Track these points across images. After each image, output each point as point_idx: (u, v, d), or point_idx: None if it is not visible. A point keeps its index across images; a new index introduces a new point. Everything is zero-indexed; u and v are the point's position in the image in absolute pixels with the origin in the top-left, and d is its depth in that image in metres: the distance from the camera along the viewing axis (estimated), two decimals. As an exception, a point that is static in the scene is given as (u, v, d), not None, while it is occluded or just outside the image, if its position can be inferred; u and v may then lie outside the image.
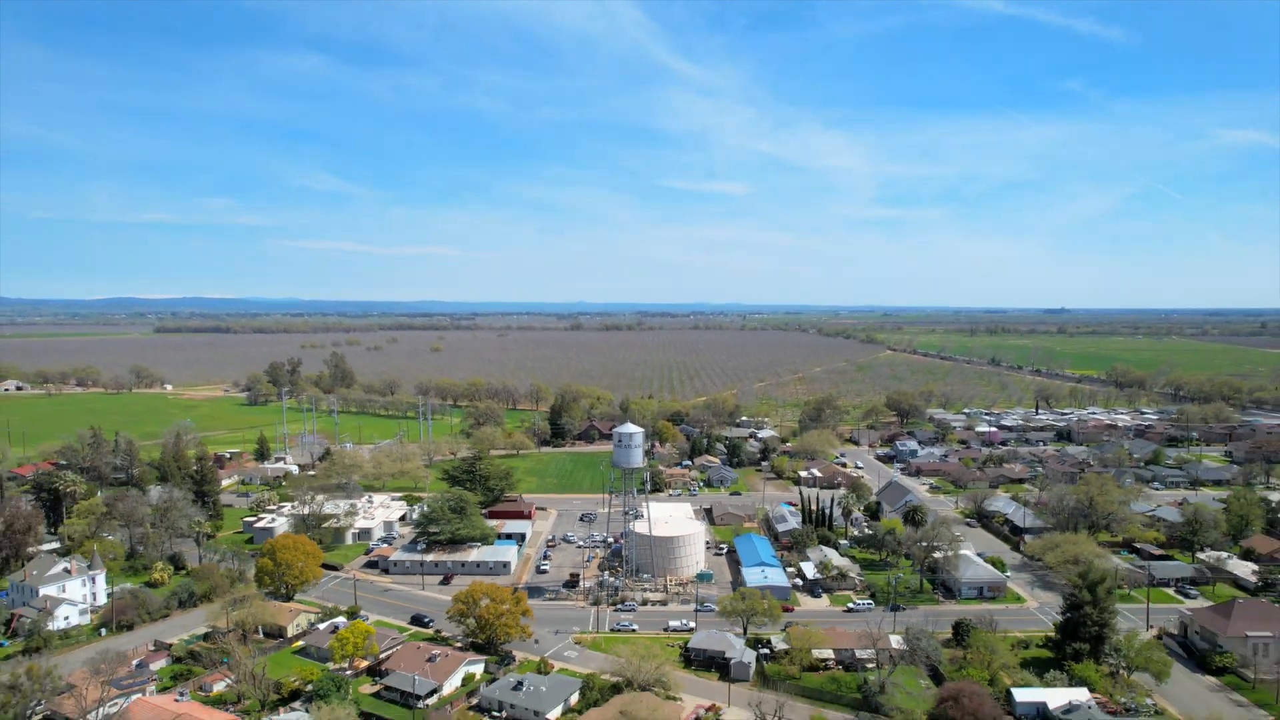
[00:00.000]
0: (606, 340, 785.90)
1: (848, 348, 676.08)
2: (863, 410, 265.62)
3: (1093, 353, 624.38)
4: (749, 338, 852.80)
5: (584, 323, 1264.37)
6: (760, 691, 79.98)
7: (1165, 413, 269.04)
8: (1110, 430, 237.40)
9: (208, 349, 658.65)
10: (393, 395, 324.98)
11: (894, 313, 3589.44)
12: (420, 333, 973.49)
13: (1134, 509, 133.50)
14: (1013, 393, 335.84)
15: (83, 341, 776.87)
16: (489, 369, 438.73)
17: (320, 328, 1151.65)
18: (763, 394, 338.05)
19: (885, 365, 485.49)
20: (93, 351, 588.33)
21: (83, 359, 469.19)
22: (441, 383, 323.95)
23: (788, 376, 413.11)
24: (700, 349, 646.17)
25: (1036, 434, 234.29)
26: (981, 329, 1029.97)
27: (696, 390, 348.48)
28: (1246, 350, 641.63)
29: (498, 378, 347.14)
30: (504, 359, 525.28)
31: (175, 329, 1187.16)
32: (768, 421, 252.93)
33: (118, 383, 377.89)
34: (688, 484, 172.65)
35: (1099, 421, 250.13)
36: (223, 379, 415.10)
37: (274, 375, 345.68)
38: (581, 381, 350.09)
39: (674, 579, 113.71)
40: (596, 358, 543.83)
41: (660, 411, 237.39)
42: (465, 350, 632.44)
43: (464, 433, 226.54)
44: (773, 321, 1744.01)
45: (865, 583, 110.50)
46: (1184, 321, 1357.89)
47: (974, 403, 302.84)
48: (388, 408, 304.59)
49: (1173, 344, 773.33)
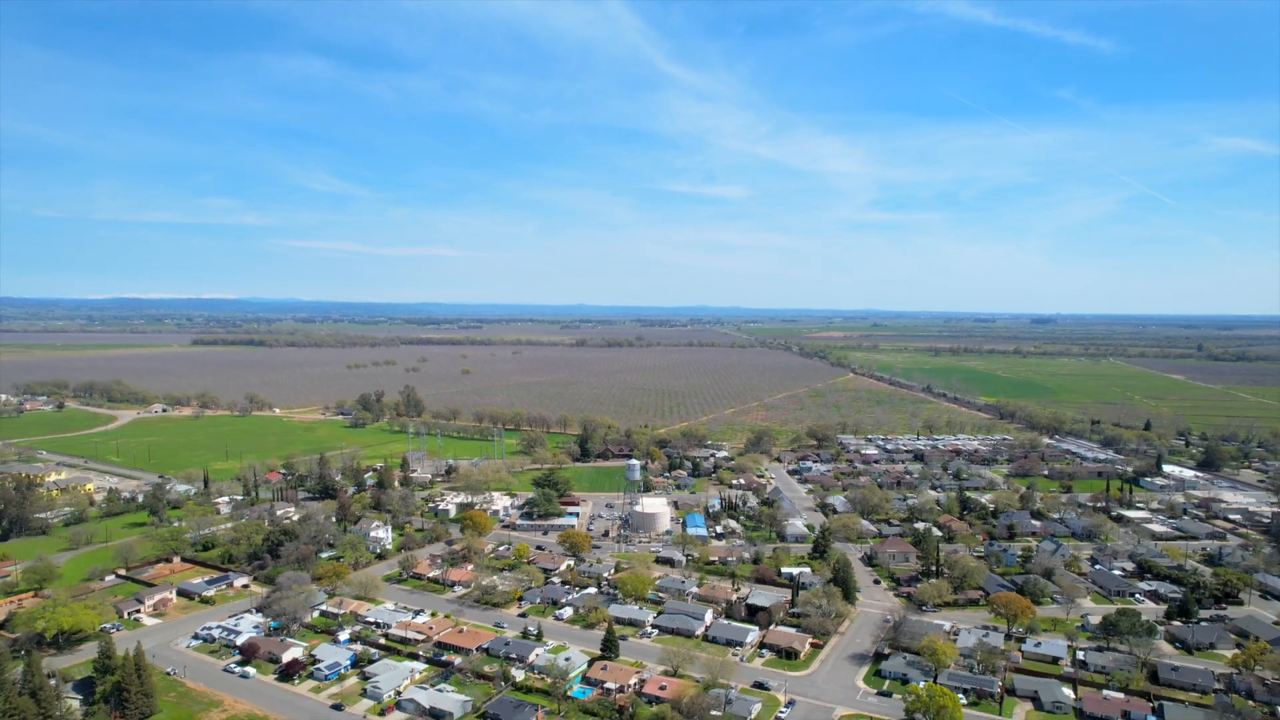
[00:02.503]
0: (609, 360, 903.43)
1: (817, 371, 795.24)
2: (791, 436, 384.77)
3: (1024, 377, 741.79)
4: (736, 358, 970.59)
5: (587, 337, 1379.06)
6: (685, 569, 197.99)
7: (1003, 439, 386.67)
8: (953, 454, 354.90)
9: (270, 370, 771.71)
10: (455, 420, 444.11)
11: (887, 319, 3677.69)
12: (442, 348, 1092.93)
13: (901, 503, 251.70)
14: (914, 419, 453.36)
15: (131, 356, 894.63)
16: (518, 394, 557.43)
17: (346, 341, 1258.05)
18: (730, 419, 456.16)
19: (836, 392, 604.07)
20: (157, 369, 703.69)
21: (162, 379, 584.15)
22: (494, 411, 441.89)
23: (754, 404, 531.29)
24: (690, 373, 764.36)
25: (900, 455, 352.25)
26: (946, 350, 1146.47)
27: (681, 416, 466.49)
28: (1153, 376, 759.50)
29: (534, 408, 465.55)
30: (528, 383, 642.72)
31: (212, 341, 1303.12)
32: (725, 444, 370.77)
33: (241, 407, 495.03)
34: (666, 487, 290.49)
35: (950, 446, 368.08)
36: (312, 402, 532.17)
37: (365, 404, 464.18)
38: (594, 408, 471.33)
39: (654, 533, 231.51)
40: (603, 381, 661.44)
41: (651, 438, 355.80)
42: (490, 371, 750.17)
43: (523, 452, 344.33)
44: (766, 332, 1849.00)
45: (743, 534, 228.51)
46: (1158, 333, 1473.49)
47: (879, 430, 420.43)
48: (457, 431, 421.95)
49: (1102, 367, 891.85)
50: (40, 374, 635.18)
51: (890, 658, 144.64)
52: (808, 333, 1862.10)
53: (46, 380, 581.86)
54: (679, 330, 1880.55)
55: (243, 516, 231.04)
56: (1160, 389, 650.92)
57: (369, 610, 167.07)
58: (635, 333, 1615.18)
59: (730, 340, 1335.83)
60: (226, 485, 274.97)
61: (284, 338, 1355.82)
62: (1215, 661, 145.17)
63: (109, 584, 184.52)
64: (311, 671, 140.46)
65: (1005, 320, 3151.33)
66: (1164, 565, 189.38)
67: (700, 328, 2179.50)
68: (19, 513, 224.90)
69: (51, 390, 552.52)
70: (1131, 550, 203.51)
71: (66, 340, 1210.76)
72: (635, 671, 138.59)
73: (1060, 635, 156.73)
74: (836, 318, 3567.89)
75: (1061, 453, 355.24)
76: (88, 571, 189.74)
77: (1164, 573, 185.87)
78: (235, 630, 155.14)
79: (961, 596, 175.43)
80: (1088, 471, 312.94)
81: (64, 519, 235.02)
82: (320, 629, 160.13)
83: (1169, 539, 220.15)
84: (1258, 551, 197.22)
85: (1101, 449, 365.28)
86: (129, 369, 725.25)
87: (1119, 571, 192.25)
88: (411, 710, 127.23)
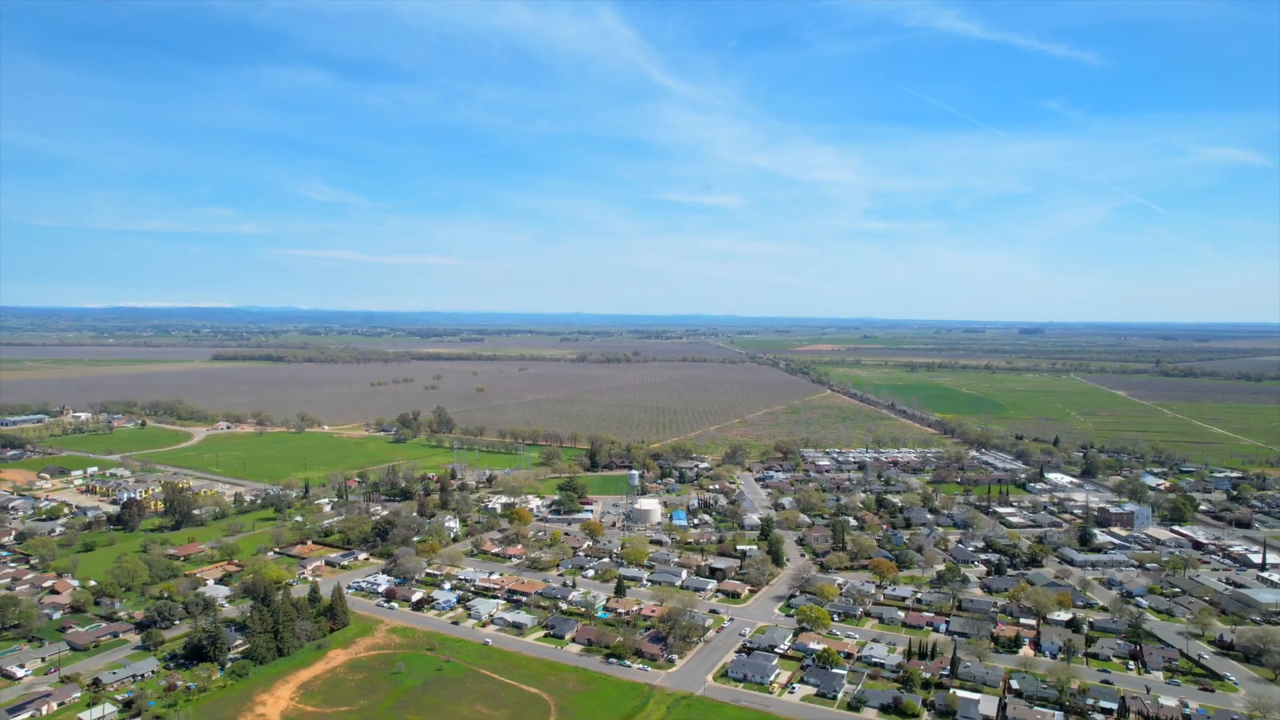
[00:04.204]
0: (609, 378, 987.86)
1: (798, 388, 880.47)
2: (762, 449, 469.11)
3: (985, 394, 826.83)
4: (726, 374, 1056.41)
5: (588, 352, 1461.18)
6: (670, 547, 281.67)
7: (934, 451, 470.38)
8: (890, 464, 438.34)
9: (301, 388, 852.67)
10: (482, 435, 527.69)
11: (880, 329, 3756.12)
12: (452, 363, 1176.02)
13: (834, 502, 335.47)
14: (869, 435, 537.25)
15: (163, 373, 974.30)
16: (530, 412, 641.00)
17: (360, 357, 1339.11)
18: (714, 435, 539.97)
19: (811, 409, 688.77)
20: (195, 385, 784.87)
21: (209, 397, 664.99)
22: (515, 429, 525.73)
23: (736, 420, 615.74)
24: (683, 390, 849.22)
25: (848, 465, 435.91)
26: (923, 366, 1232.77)
27: (673, 432, 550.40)
28: (1099, 392, 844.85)
29: (547, 424, 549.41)
30: (537, 401, 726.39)
31: (231, 356, 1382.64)
32: (707, 457, 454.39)
33: (295, 424, 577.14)
34: (658, 491, 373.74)
35: (890, 458, 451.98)
36: (352, 419, 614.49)
37: (405, 422, 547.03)
38: (598, 425, 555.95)
39: (649, 524, 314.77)
40: (604, 399, 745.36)
41: (647, 452, 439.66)
42: (502, 389, 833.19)
43: (544, 463, 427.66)
44: (759, 345, 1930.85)
45: (713, 524, 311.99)
46: (1136, 345, 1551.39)
47: (837, 444, 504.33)
48: (485, 446, 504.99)
49: (1061, 383, 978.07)
50: (84, 391, 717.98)
51: (796, 596, 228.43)
52: (799, 345, 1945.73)
53: (117, 400, 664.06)
54: (675, 344, 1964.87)
55: (343, 513, 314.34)
56: (1099, 405, 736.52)
57: (457, 572, 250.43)
58: (633, 346, 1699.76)
59: (722, 355, 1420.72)
60: (320, 490, 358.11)
61: (299, 353, 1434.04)
62: (1004, 599, 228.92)
63: (270, 558, 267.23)
64: (433, 605, 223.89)
65: (995, 330, 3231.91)
66: (1002, 543, 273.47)
67: (696, 340, 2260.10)
68: (185, 510, 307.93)
69: (123, 409, 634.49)
70: (985, 534, 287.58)
71: (87, 355, 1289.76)
72: (635, 604, 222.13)
73: (911, 584, 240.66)
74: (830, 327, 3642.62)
75: (979, 464, 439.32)
76: (255, 549, 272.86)
77: (999, 548, 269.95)
78: (375, 583, 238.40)
79: (856, 563, 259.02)
80: (992, 479, 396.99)
81: (212, 515, 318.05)
82: (428, 583, 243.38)
83: (1020, 527, 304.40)
84: (1068, 534, 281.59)
85: (1013, 460, 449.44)
86: (170, 386, 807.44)
87: (972, 548, 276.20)
88: (500, 624, 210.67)
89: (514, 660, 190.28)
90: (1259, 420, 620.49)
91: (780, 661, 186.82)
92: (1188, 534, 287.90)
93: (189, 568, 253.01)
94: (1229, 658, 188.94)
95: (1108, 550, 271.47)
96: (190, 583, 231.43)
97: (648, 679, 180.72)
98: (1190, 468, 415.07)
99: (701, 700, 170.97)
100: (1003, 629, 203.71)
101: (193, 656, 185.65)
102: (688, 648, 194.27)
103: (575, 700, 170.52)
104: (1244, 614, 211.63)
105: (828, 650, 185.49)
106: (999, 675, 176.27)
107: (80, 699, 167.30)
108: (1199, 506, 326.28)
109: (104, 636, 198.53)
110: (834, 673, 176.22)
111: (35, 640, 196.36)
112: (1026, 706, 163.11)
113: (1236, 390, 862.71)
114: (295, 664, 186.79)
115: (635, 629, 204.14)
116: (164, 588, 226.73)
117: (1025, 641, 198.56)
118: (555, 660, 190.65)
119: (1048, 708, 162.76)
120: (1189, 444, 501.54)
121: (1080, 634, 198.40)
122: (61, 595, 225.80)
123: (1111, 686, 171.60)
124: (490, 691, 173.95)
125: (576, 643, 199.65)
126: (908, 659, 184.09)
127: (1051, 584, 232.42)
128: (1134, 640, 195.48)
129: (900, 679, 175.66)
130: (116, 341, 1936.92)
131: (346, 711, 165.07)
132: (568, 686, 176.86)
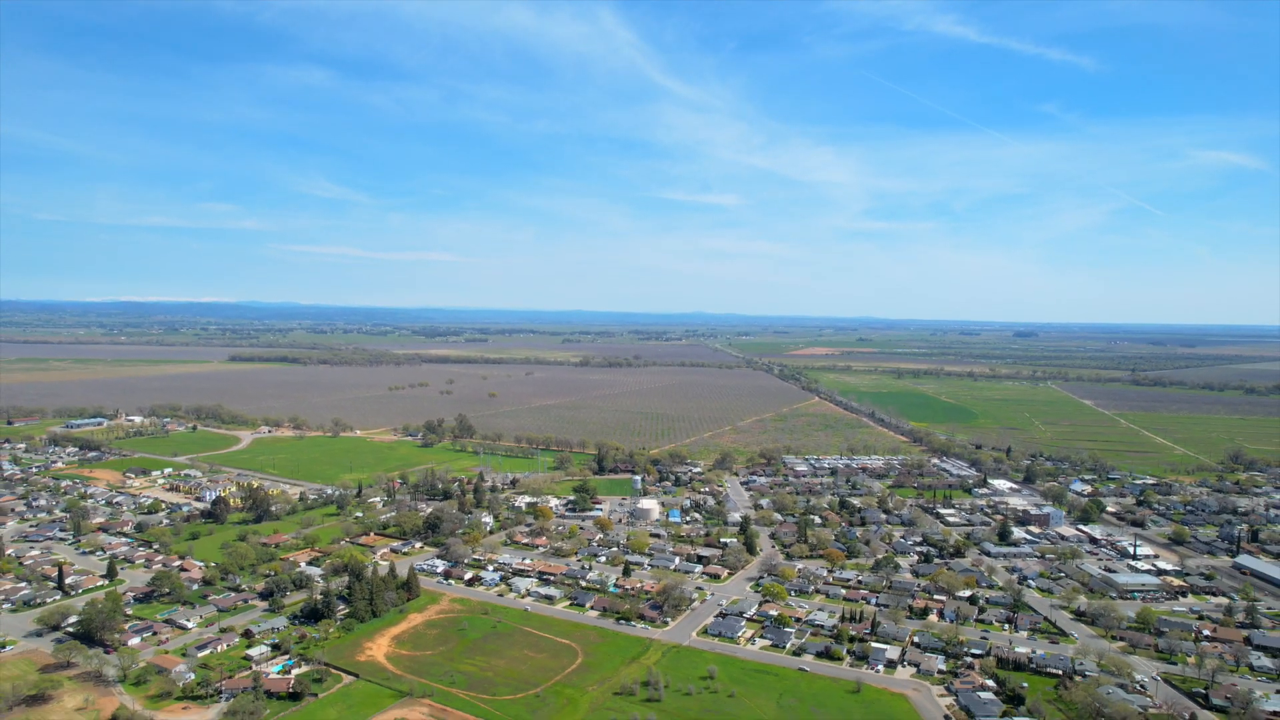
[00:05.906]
0: (611, 383, 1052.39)
1: (788, 395, 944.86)
2: (748, 456, 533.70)
3: (962, 402, 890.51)
4: (722, 380, 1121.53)
5: (590, 355, 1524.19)
6: (666, 539, 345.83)
7: (900, 458, 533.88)
8: (860, 470, 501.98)
9: (324, 391, 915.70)
10: (500, 440, 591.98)
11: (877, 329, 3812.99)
12: (461, 366, 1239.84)
13: (805, 503, 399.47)
14: (845, 443, 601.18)
15: (186, 375, 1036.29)
16: (539, 417, 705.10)
17: (372, 359, 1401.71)
18: (707, 442, 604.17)
19: (797, 417, 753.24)
20: (220, 388, 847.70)
21: (240, 400, 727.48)
22: (529, 435, 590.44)
23: (727, 428, 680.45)
24: (680, 396, 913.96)
25: (822, 471, 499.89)
26: (909, 372, 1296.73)
27: (670, 439, 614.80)
28: (1069, 401, 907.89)
29: (557, 430, 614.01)
30: (545, 406, 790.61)
31: (248, 358, 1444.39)
32: (700, 462, 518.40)
33: (330, 429, 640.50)
34: (656, 493, 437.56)
35: (860, 464, 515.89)
36: (379, 424, 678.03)
37: (431, 428, 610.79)
38: (602, 431, 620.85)
39: (649, 521, 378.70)
40: (608, 404, 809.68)
41: (647, 458, 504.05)
42: (512, 394, 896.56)
43: (557, 468, 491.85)
44: (756, 347, 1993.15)
45: (703, 521, 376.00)
46: (1126, 349, 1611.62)
47: (815, 451, 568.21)
48: (505, 451, 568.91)
49: (1038, 391, 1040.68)
50: (123, 393, 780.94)
51: (764, 578, 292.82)
52: (795, 348, 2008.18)
53: (163, 404, 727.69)
54: (674, 347, 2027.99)
55: (393, 510, 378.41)
56: (1064, 414, 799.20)
57: (496, 557, 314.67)
58: (633, 349, 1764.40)
59: (719, 360, 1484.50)
60: (369, 490, 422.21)
61: (311, 354, 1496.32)
62: (926, 580, 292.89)
63: (342, 546, 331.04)
64: (481, 581, 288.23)
65: (990, 332, 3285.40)
66: (935, 538, 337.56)
67: (694, 342, 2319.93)
68: (264, 506, 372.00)
69: (169, 413, 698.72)
70: (924, 531, 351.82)
71: (107, 354, 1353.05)
72: (639, 582, 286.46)
73: (855, 570, 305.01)
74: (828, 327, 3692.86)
75: (937, 470, 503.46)
76: (330, 539, 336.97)
77: (933, 542, 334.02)
78: (434, 565, 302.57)
79: (815, 553, 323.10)
80: (944, 484, 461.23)
81: (285, 511, 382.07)
82: (475, 566, 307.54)
83: (956, 526, 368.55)
84: (991, 531, 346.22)
85: (968, 467, 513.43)
86: (199, 389, 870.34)
87: (911, 542, 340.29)
88: (535, 596, 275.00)
89: (548, 621, 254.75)
90: (1202, 430, 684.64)
91: (747, 623, 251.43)
92: (1088, 531, 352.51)
93: (282, 553, 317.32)
94: (1080, 623, 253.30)
95: (1020, 545, 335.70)
96: (288, 565, 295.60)
97: (648, 635, 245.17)
98: (1115, 475, 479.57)
99: (688, 649, 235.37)
100: (918, 602, 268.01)
101: (309, 617, 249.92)
102: (678, 613, 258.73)
103: (595, 648, 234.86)
104: (1105, 592, 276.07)
105: (782, 615, 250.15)
106: (906, 633, 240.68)
107: (240, 643, 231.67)
108: (1105, 509, 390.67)
109: (237, 603, 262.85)
110: (785, 630, 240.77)
111: (187, 604, 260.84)
112: (920, 652, 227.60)
113: (1194, 400, 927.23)
114: (386, 623, 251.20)
115: (639, 600, 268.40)
116: (270, 568, 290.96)
117: (933, 611, 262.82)
118: (579, 622, 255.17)
119: (935, 653, 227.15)
120: (1129, 453, 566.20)
121: (975, 605, 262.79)
122: (192, 572, 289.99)
123: (986, 641, 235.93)
124: (533, 642, 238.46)
125: (594, 610, 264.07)
126: (841, 622, 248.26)
127: (966, 570, 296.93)
128: (1014, 610, 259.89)
129: (833, 635, 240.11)
130: (128, 339, 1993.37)
131: (430, 654, 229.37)
132: (590, 639, 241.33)
